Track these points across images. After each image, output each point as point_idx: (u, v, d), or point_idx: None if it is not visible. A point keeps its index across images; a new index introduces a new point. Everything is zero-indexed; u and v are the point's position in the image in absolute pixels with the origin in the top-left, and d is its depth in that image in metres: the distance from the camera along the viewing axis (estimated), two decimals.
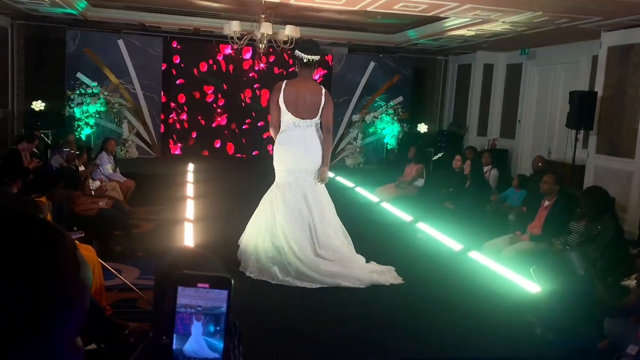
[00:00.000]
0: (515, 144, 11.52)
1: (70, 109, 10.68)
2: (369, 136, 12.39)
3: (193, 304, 0.92)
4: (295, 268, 4.46)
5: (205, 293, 0.92)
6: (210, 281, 0.92)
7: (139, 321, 3.99)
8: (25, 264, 0.64)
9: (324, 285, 4.42)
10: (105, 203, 5.87)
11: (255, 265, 4.61)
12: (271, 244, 4.56)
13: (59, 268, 0.67)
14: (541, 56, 10.77)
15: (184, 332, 0.92)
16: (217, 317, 0.92)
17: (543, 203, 5.63)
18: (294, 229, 4.52)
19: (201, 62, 12.05)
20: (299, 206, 4.57)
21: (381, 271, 4.67)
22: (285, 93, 4.58)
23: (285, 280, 4.47)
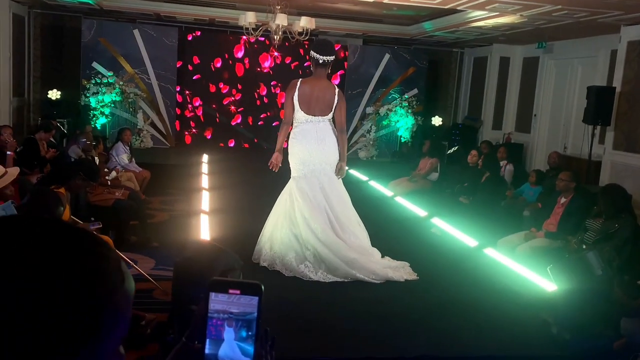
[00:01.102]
0: (530, 139, 11.43)
1: (86, 99, 10.74)
2: (382, 129, 12.35)
3: (225, 309, 0.93)
4: (313, 252, 4.49)
5: (236, 299, 0.93)
6: (241, 287, 0.94)
7: (155, 312, 4.04)
8: (75, 278, 0.65)
9: (339, 277, 4.44)
10: (122, 193, 5.93)
11: (269, 254, 4.67)
12: (289, 232, 4.62)
13: (107, 280, 0.68)
14: (558, 50, 10.65)
15: (217, 337, 0.93)
16: (249, 323, 0.94)
17: (559, 200, 5.59)
18: (314, 214, 4.58)
19: (216, 58, 12.06)
20: (315, 195, 4.65)
21: (396, 267, 4.68)
22: (300, 91, 4.65)
23: (299, 270, 4.50)
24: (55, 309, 0.62)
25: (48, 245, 0.66)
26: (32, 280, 0.62)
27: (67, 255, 0.66)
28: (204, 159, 9.83)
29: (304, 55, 11.93)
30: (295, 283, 4.39)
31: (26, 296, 0.62)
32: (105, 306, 0.67)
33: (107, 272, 0.68)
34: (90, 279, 0.66)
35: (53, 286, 0.63)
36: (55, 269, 0.64)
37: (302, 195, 4.65)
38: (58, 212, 3.22)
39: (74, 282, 0.64)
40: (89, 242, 0.69)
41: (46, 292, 0.62)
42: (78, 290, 0.64)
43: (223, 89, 12.26)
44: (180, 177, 8.71)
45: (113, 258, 0.70)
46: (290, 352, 3.10)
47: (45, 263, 0.64)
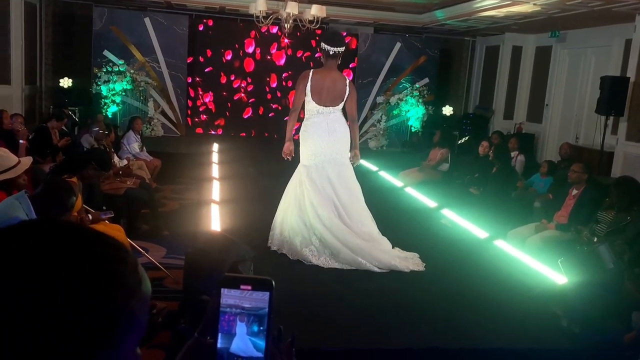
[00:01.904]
0: (542, 129, 11.34)
1: (97, 87, 10.78)
2: (393, 118, 12.29)
3: (237, 304, 0.94)
4: (319, 237, 4.60)
5: (248, 295, 0.94)
6: (252, 283, 0.95)
7: (166, 300, 4.08)
8: (92, 283, 0.66)
9: (343, 263, 4.53)
10: (133, 182, 5.97)
11: (279, 238, 4.81)
12: (298, 218, 4.74)
13: (125, 284, 0.69)
14: (572, 39, 10.53)
15: (229, 332, 0.95)
16: (261, 318, 0.95)
17: (571, 192, 5.56)
18: (322, 202, 4.70)
19: (227, 51, 12.05)
20: (324, 185, 4.75)
21: (405, 257, 4.71)
22: (313, 81, 4.72)
23: (302, 254, 4.60)
24: (73, 313, 0.63)
25: (66, 251, 0.67)
26: (50, 285, 0.63)
27: (86, 260, 0.66)
28: (214, 148, 9.86)
29: (315, 47, 11.89)
30: (302, 274, 4.40)
31: (45, 300, 0.63)
32: (122, 310, 0.67)
33: (125, 276, 0.69)
34: (108, 284, 0.67)
35: (71, 290, 0.64)
36: (74, 274, 0.65)
37: (312, 184, 4.75)
38: (70, 202, 3.25)
39: (92, 287, 0.65)
40: (107, 246, 0.70)
41: (64, 297, 0.63)
42: (96, 295, 0.65)
43: (235, 83, 12.26)
44: (190, 166, 8.75)
45: (130, 262, 0.71)
46: (297, 342, 3.12)
47: (63, 268, 0.65)
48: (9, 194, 3.60)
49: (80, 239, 0.69)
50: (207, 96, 12.21)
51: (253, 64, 12.26)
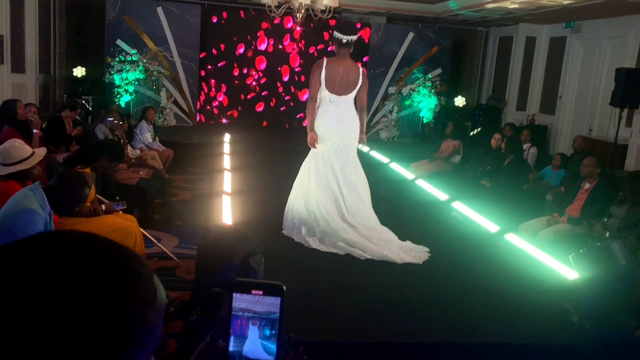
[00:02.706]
0: (555, 120, 11.25)
1: (110, 76, 10.82)
2: (404, 109, 12.23)
3: (249, 308, 0.96)
4: (322, 229, 4.80)
5: (260, 299, 0.96)
6: (264, 288, 0.96)
7: (178, 290, 4.12)
8: (108, 296, 0.66)
9: (342, 251, 4.67)
10: (146, 172, 6.01)
11: (289, 225, 5.03)
12: (304, 206, 4.93)
13: (141, 296, 0.70)
14: (587, 30, 10.39)
15: (241, 335, 0.96)
16: (272, 322, 0.96)
17: (583, 185, 5.52)
18: (322, 194, 4.87)
19: (240, 44, 12.05)
20: (327, 175, 4.89)
21: (409, 249, 4.74)
22: (327, 70, 4.80)
23: (307, 241, 4.80)
24: (90, 326, 0.64)
25: (82, 264, 0.67)
26: (66, 298, 0.64)
27: (102, 273, 0.67)
28: (226, 139, 9.88)
29: (328, 40, 11.85)
30: (311, 265, 4.43)
31: (62, 313, 0.63)
32: (139, 322, 0.68)
33: (140, 289, 0.70)
34: (124, 297, 0.68)
35: (87, 303, 0.64)
36: (90, 287, 0.65)
37: (317, 173, 4.91)
38: (84, 193, 3.28)
39: (109, 300, 0.66)
40: (123, 259, 0.71)
41: (81, 310, 0.64)
42: (112, 308, 0.66)
43: (247, 78, 12.26)
44: (202, 156, 8.78)
45: (145, 273, 0.72)
46: (305, 334, 3.14)
47: (79, 281, 0.65)
48: (24, 185, 3.65)
49: (96, 251, 0.69)
50: (220, 93, 12.24)
51: (265, 58, 12.25)
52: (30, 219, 3.01)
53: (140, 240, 4.15)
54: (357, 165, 5.00)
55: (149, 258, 4.57)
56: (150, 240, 4.58)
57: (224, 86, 12.19)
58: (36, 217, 3.03)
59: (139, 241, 4.11)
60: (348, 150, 4.92)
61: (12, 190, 3.48)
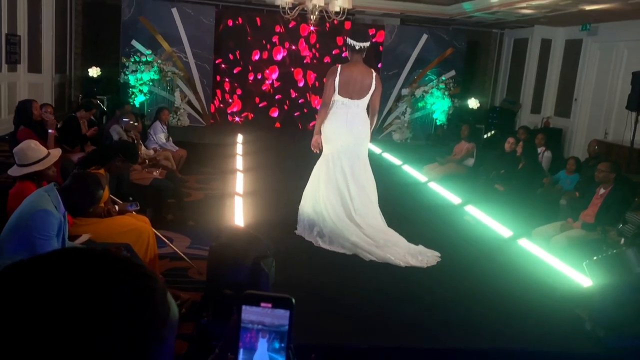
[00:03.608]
0: (570, 124, 11.15)
1: (125, 76, 10.91)
2: (417, 111, 12.19)
3: (259, 320, 0.96)
4: (329, 230, 4.86)
5: (269, 312, 0.96)
6: (273, 301, 0.96)
7: (189, 291, 4.14)
8: (123, 314, 0.67)
9: (349, 251, 4.72)
10: (159, 173, 6.05)
11: (301, 225, 5.13)
12: (312, 208, 5.02)
13: (155, 313, 0.70)
14: (603, 32, 10.29)
15: (250, 347, 0.97)
16: (282, 335, 0.96)
17: (598, 191, 5.46)
18: (330, 194, 4.95)
19: (255, 50, 12.13)
20: (336, 175, 4.96)
21: (419, 252, 4.74)
22: (341, 76, 4.86)
23: (316, 241, 4.90)
24: (105, 342, 0.65)
25: (98, 281, 0.68)
26: (81, 315, 0.65)
27: (117, 291, 0.68)
28: (239, 139, 9.91)
29: (341, 46, 11.87)
30: (321, 268, 4.42)
31: (77, 331, 0.64)
32: (153, 338, 0.69)
33: (155, 306, 0.71)
34: (139, 314, 0.68)
35: (103, 321, 0.65)
36: (106, 305, 0.66)
37: (327, 175, 4.98)
38: (98, 194, 3.31)
39: (124, 317, 0.67)
40: (138, 276, 0.71)
41: (96, 327, 0.65)
42: (127, 325, 0.67)
43: (262, 85, 12.31)
44: (215, 156, 8.82)
45: (159, 290, 0.72)
46: (315, 336, 3.14)
47: (94, 299, 0.66)
48: (39, 185, 3.68)
49: (112, 269, 0.70)
50: (234, 97, 12.31)
51: (279, 67, 12.31)
52: (45, 219, 3.04)
53: (153, 241, 4.18)
54: (366, 167, 5.04)
55: (161, 258, 4.59)
56: (162, 241, 4.61)
57: (239, 90, 12.26)
58: (51, 217, 3.06)
59: (151, 242, 4.14)
60: (358, 152, 4.97)
61: (27, 190, 3.52)
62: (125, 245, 3.64)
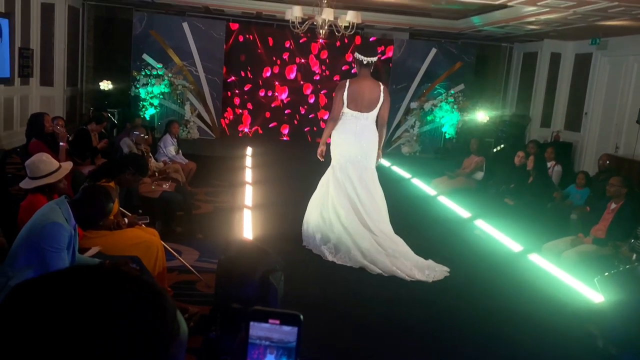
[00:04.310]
0: (580, 138, 11.09)
1: (136, 90, 11.00)
2: (426, 124, 12.19)
3: (267, 336, 0.96)
4: (337, 236, 4.93)
5: (277, 328, 0.96)
6: (281, 318, 0.96)
7: (198, 304, 4.14)
8: (134, 332, 0.67)
9: (354, 263, 4.74)
10: (169, 186, 6.07)
11: (305, 233, 5.21)
12: (319, 214, 5.12)
13: (165, 331, 0.71)
14: (613, 46, 10.27)
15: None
16: (290, 351, 0.96)
17: (609, 206, 5.42)
18: (342, 201, 5.03)
19: (265, 67, 12.24)
20: (345, 184, 5.06)
21: (427, 266, 4.72)
22: (349, 90, 5.01)
23: (321, 250, 4.95)
24: (118, 358, 0.65)
25: (109, 299, 0.68)
26: (92, 333, 0.65)
27: (128, 309, 0.68)
28: (248, 152, 9.95)
29: (351, 62, 11.96)
30: (331, 280, 4.41)
31: (87, 348, 0.64)
32: (163, 356, 0.69)
33: (165, 323, 0.71)
34: (151, 331, 0.69)
35: (113, 339, 0.66)
36: (116, 323, 0.67)
37: (336, 182, 5.08)
38: (108, 207, 3.32)
39: (135, 335, 0.67)
40: (148, 294, 0.72)
41: (107, 345, 0.65)
42: (138, 343, 0.67)
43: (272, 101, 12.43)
44: (224, 169, 8.85)
45: (169, 308, 0.73)
46: (324, 350, 3.13)
47: (106, 316, 0.67)
48: (50, 198, 3.71)
49: (123, 286, 0.71)
50: (245, 113, 12.42)
51: (290, 76, 12.42)
52: (55, 232, 3.05)
53: (162, 254, 4.18)
54: (374, 178, 5.14)
55: (170, 271, 4.59)
56: (171, 254, 4.62)
57: (249, 104, 12.36)
58: (62, 230, 3.07)
59: (160, 255, 4.14)
60: (366, 163, 5.07)
61: (38, 203, 3.54)
62: (134, 258, 3.65)
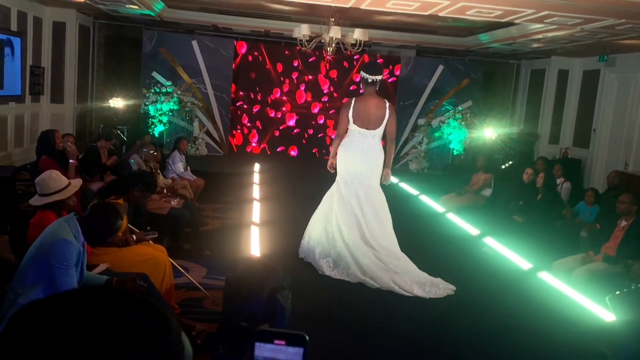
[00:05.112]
0: (589, 154, 11.04)
1: (145, 107, 11.10)
2: (434, 141, 12.19)
3: (273, 356, 0.96)
4: (338, 251, 4.97)
5: (283, 348, 0.95)
6: (286, 338, 0.96)
7: (205, 322, 4.12)
8: (142, 353, 0.68)
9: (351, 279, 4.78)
10: (177, 202, 6.09)
11: (306, 246, 5.25)
12: (323, 229, 5.16)
13: (171, 353, 0.71)
14: (621, 63, 10.26)
15: None
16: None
17: (619, 223, 5.37)
18: (345, 217, 5.06)
19: (275, 89, 12.35)
20: (351, 201, 5.10)
21: (431, 283, 4.70)
22: (354, 108, 5.10)
23: (318, 264, 4.99)
24: None
25: (115, 321, 0.69)
26: (99, 355, 0.65)
27: (134, 331, 0.68)
28: (256, 168, 9.98)
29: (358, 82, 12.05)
30: (341, 297, 4.38)
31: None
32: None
33: (169, 345, 0.71)
34: (154, 354, 0.69)
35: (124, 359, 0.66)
36: (122, 345, 0.67)
37: (340, 198, 5.13)
38: (117, 225, 3.33)
39: (137, 358, 0.67)
40: (156, 316, 0.72)
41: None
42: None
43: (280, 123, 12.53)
44: (232, 186, 8.87)
45: (175, 331, 0.73)
46: None
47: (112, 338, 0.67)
48: (59, 215, 3.72)
49: (127, 308, 0.71)
50: (254, 132, 12.48)
51: (299, 99, 12.51)
52: (64, 248, 3.06)
53: (169, 271, 4.18)
54: (380, 194, 5.19)
55: (177, 288, 4.59)
56: (179, 271, 4.61)
57: (257, 122, 12.44)
58: (70, 247, 3.08)
59: (167, 271, 4.14)
60: (370, 182, 5.13)
61: (47, 220, 3.56)
62: (142, 275, 3.64)
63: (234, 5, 9.78)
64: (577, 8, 6.74)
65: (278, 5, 9.32)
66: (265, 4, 9.28)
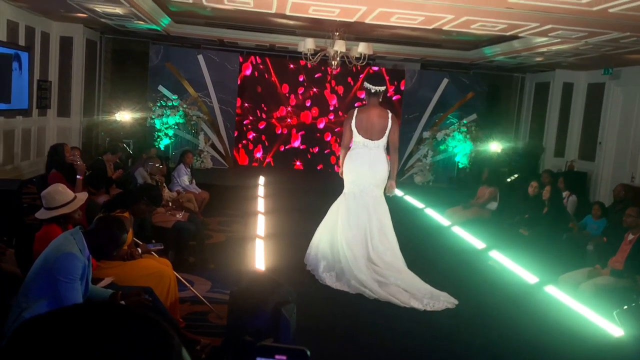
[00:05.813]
0: (595, 167, 11.01)
1: (151, 120, 11.16)
2: (439, 154, 12.18)
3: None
4: (341, 267, 5.00)
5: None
6: (287, 353, 0.95)
7: (209, 336, 4.11)
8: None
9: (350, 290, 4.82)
10: (182, 216, 6.10)
11: (310, 257, 5.30)
12: (328, 241, 5.20)
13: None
14: (626, 76, 10.26)
15: None
16: None
17: (627, 237, 5.34)
18: (351, 229, 5.09)
19: (281, 107, 12.46)
20: (359, 214, 5.12)
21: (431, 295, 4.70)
22: (357, 119, 5.16)
23: (321, 276, 5.03)
24: None
25: (115, 336, 0.68)
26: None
27: (134, 347, 0.68)
28: (260, 182, 9.99)
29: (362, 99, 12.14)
30: (346, 310, 4.37)
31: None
32: None
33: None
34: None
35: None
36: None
37: (348, 212, 5.16)
38: (122, 238, 3.34)
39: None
40: (157, 332, 0.72)
41: None
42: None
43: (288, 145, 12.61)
44: (237, 199, 8.88)
45: (176, 346, 0.73)
46: None
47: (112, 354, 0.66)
48: (65, 228, 3.73)
49: (128, 324, 0.71)
50: (258, 149, 12.55)
51: (304, 117, 12.58)
52: (69, 262, 3.07)
53: (174, 284, 4.18)
54: (385, 207, 5.22)
55: (182, 302, 4.58)
56: (183, 284, 4.61)
57: (263, 136, 12.49)
58: (75, 260, 3.09)
59: (172, 285, 4.14)
60: (376, 193, 5.18)
61: (53, 233, 3.57)
62: (147, 289, 3.64)
63: (240, 19, 9.86)
64: (581, 21, 6.75)
65: (283, 19, 9.40)
66: (270, 18, 9.35)
